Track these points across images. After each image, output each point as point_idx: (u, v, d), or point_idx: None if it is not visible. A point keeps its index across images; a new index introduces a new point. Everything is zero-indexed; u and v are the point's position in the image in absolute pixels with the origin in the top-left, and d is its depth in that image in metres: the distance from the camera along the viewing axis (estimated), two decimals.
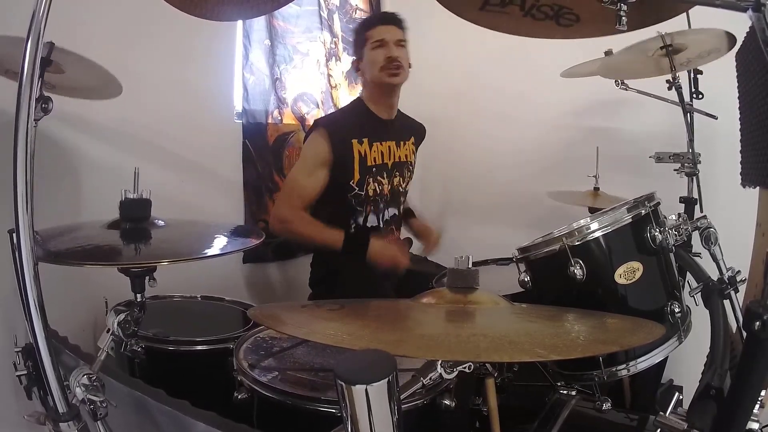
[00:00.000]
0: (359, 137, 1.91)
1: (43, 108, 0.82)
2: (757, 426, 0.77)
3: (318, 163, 1.87)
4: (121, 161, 1.62)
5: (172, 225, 1.19)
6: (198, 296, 1.69)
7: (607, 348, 0.85)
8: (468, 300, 0.93)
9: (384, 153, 1.97)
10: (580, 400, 1.21)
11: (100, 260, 1.03)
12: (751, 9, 0.74)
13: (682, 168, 1.95)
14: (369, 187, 1.94)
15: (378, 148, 1.95)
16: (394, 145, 2.01)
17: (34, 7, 0.77)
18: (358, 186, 1.91)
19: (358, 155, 1.90)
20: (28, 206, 0.78)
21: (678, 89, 1.91)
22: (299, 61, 2.52)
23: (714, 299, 1.10)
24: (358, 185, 1.91)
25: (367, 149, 1.92)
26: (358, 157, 1.90)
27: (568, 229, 1.14)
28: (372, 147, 1.93)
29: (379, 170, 1.96)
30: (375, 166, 1.94)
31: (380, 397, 0.53)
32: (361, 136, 1.91)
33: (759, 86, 1.39)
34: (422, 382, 0.80)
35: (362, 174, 1.91)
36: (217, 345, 1.36)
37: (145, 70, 1.79)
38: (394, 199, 2.05)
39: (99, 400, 0.86)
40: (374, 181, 1.95)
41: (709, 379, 0.87)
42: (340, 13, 2.75)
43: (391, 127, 2.03)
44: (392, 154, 2.00)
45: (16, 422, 1.39)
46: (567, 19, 1.02)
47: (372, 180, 1.94)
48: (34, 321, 0.80)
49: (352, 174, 1.89)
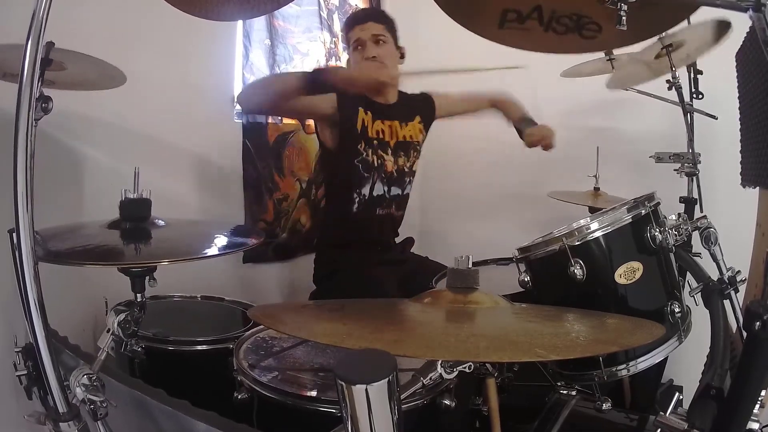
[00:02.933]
0: (365, 108, 1.90)
1: (43, 108, 0.82)
2: (757, 426, 0.77)
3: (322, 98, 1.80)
4: (121, 161, 1.62)
5: (172, 225, 1.19)
6: (198, 296, 1.69)
7: (606, 348, 0.84)
8: (468, 300, 0.92)
9: (385, 131, 1.95)
10: (580, 400, 1.21)
11: (100, 260, 1.03)
12: (751, 9, 0.74)
13: (682, 168, 1.95)
14: (369, 158, 1.92)
15: (380, 125, 1.93)
16: (397, 124, 1.98)
17: (34, 7, 0.77)
18: (362, 146, 1.89)
19: (362, 123, 1.89)
20: (28, 206, 0.78)
21: (678, 89, 1.91)
22: (299, 61, 2.52)
23: (714, 299, 1.10)
24: (363, 146, 1.89)
25: (369, 122, 1.91)
26: (362, 124, 1.89)
27: (568, 229, 1.14)
28: (374, 122, 1.92)
29: (382, 146, 1.94)
30: (377, 139, 1.92)
31: (380, 397, 0.53)
32: (366, 108, 1.90)
33: (759, 86, 1.39)
34: (422, 382, 0.80)
35: (365, 140, 1.90)
36: (217, 345, 1.36)
37: (145, 70, 1.78)
38: (400, 178, 2.01)
39: (99, 400, 0.86)
40: (374, 153, 1.92)
41: (709, 379, 0.87)
42: (340, 13, 2.75)
43: (393, 109, 2.00)
44: (394, 133, 1.97)
45: (16, 422, 1.39)
46: (589, 30, 1.01)
47: (372, 152, 1.92)
48: (34, 321, 0.80)
49: (359, 138, 1.88)
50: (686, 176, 1.96)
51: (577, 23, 1.00)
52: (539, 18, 1.00)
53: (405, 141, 2.01)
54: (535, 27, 1.02)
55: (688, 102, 1.94)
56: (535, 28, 1.02)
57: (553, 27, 1.01)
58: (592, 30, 1.01)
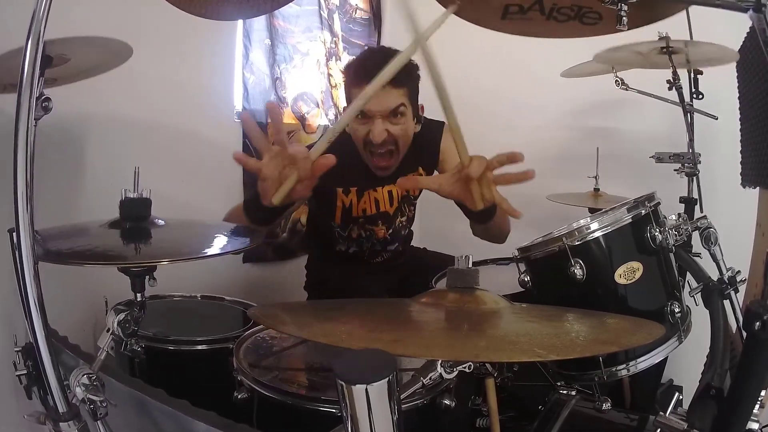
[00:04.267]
0: (345, 186, 1.54)
1: (44, 107, 0.82)
2: (757, 426, 0.77)
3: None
4: (121, 161, 1.62)
5: (172, 225, 1.19)
6: (198, 296, 1.69)
7: (606, 348, 0.84)
8: (468, 300, 0.92)
9: (379, 200, 1.59)
10: (580, 400, 1.21)
11: (100, 260, 1.02)
12: (751, 9, 0.74)
13: (682, 168, 1.95)
14: (353, 233, 1.66)
15: (371, 195, 1.59)
16: (393, 187, 1.62)
17: (34, 8, 0.77)
18: (340, 228, 1.65)
19: (342, 205, 1.57)
20: (28, 206, 0.78)
21: (678, 89, 1.91)
22: (299, 60, 2.52)
23: (714, 299, 1.10)
24: (341, 228, 1.64)
25: (354, 199, 1.56)
26: (341, 206, 1.58)
27: (568, 229, 1.14)
28: (362, 197, 1.58)
29: (371, 220, 1.63)
30: (363, 217, 1.61)
31: (380, 397, 0.53)
32: (348, 185, 1.54)
33: (759, 86, 1.40)
34: (422, 382, 0.80)
35: (345, 221, 1.63)
36: (217, 345, 1.35)
37: (145, 70, 1.78)
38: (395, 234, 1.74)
39: (99, 400, 0.86)
40: (360, 228, 1.64)
41: (709, 379, 0.87)
42: (340, 12, 2.75)
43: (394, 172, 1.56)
44: (385, 201, 1.61)
45: (16, 422, 1.39)
46: (590, 18, 1.02)
47: (358, 228, 1.64)
48: (34, 320, 0.80)
49: (333, 216, 1.61)
50: (686, 176, 1.96)
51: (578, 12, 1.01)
52: (541, 9, 1.01)
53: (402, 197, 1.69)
54: (536, 17, 1.03)
55: (688, 102, 1.94)
56: (536, 18, 1.03)
57: (555, 16, 1.02)
58: (593, 18, 1.02)
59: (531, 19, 1.03)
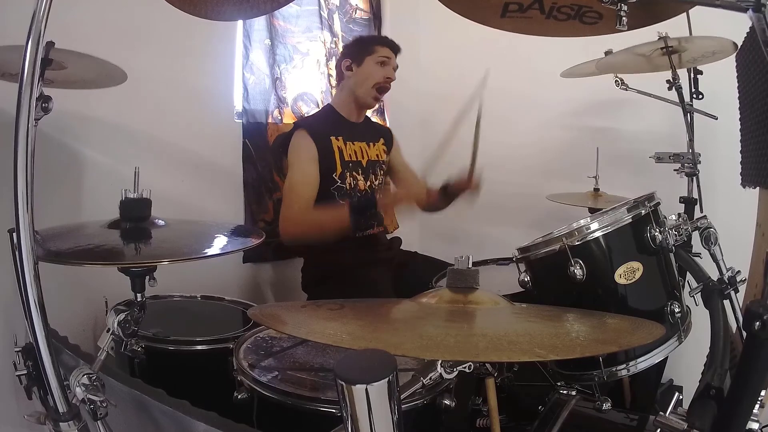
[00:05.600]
0: (335, 134, 2.00)
1: (44, 107, 0.82)
2: (757, 426, 0.77)
3: (309, 159, 1.91)
4: (121, 161, 1.62)
5: (172, 225, 1.19)
6: (198, 296, 1.69)
7: (606, 348, 0.84)
8: (468, 300, 0.92)
9: (357, 152, 2.06)
10: (580, 400, 1.21)
11: (100, 260, 1.03)
12: (751, 9, 0.74)
13: (682, 168, 1.95)
14: (347, 181, 2.00)
15: (351, 146, 2.04)
16: (365, 145, 2.10)
17: (34, 8, 0.77)
18: (340, 179, 1.97)
19: (338, 150, 1.98)
20: (28, 206, 0.78)
21: (678, 89, 1.91)
22: (299, 60, 2.52)
23: (714, 299, 1.10)
24: (341, 178, 1.98)
25: (342, 145, 2.01)
26: (338, 151, 1.98)
27: (568, 229, 1.14)
28: (347, 144, 2.03)
29: (355, 166, 2.04)
30: (351, 161, 2.03)
31: (380, 397, 0.53)
32: (336, 134, 2.01)
33: (759, 86, 1.40)
34: (422, 382, 0.80)
35: (343, 167, 1.98)
36: (217, 345, 1.36)
37: (145, 70, 1.79)
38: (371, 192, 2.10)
39: (99, 400, 0.86)
40: (350, 175, 2.01)
41: (709, 379, 0.87)
42: (340, 12, 2.75)
43: (361, 129, 2.12)
44: (364, 153, 2.09)
45: (16, 422, 1.39)
46: (590, 17, 1.02)
47: (349, 174, 2.01)
48: (34, 321, 0.80)
49: (335, 166, 1.96)
50: (686, 176, 1.96)
51: (578, 12, 1.01)
52: (540, 7, 1.01)
53: (373, 160, 2.11)
54: (536, 16, 1.03)
55: (688, 102, 1.94)
56: (536, 16, 1.03)
57: (554, 15, 1.02)
58: (592, 17, 1.02)
59: (530, 18, 1.03)
